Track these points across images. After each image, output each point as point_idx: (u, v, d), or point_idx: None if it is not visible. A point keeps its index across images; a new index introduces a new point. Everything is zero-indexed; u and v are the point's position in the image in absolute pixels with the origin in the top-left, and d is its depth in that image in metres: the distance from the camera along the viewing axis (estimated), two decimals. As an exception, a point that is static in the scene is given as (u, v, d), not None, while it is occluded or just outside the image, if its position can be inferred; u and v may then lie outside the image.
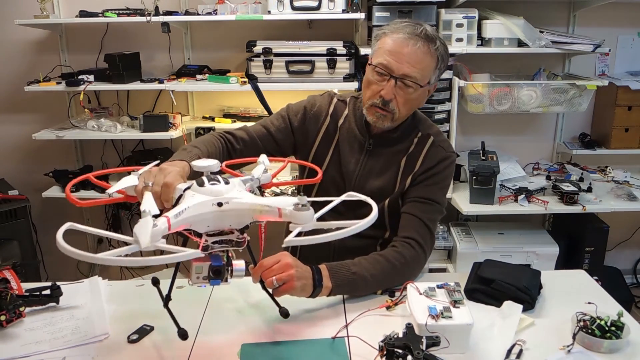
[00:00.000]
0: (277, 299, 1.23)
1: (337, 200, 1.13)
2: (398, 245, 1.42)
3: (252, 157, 1.53)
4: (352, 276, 1.30)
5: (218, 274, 1.04)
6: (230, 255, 1.07)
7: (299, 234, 1.00)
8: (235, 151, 1.48)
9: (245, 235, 1.05)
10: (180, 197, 1.04)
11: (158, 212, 0.98)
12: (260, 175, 1.18)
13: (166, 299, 1.15)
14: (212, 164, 1.09)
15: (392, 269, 1.36)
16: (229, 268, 1.06)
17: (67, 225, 0.95)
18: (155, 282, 1.24)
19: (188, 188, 1.05)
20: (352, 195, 1.17)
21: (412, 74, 1.38)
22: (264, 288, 1.22)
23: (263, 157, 1.24)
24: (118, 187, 1.10)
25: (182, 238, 1.06)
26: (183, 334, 1.09)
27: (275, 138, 1.54)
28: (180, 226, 0.97)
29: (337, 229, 1.02)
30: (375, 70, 1.41)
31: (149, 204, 0.98)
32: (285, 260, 1.22)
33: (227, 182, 1.04)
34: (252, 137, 1.51)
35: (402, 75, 1.38)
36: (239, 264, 1.08)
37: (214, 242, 1.03)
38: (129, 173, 1.16)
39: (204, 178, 1.04)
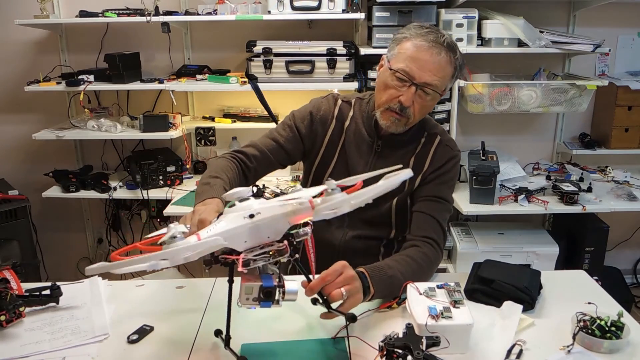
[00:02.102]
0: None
1: (370, 175, 1.08)
2: (420, 245, 1.42)
3: (266, 173, 1.54)
4: (389, 279, 1.28)
5: (269, 295, 0.99)
6: (281, 276, 1.03)
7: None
8: (249, 170, 1.49)
9: (285, 242, 1.01)
10: None
11: (187, 231, 0.98)
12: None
13: (226, 339, 1.08)
14: (242, 189, 1.07)
15: (420, 270, 1.36)
16: (281, 289, 1.02)
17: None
18: (218, 333, 1.15)
19: (221, 214, 1.04)
20: (388, 176, 1.10)
21: (434, 82, 1.38)
22: (324, 301, 1.15)
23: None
24: (158, 233, 1.11)
25: (227, 267, 1.04)
26: None
27: (285, 149, 1.54)
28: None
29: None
30: (395, 75, 1.39)
31: (178, 225, 0.99)
32: (350, 273, 1.17)
33: (257, 198, 1.04)
34: (263, 152, 1.51)
35: (424, 84, 1.37)
36: (291, 284, 1.03)
37: (254, 256, 0.99)
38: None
39: (235, 201, 1.04)
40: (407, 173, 1.03)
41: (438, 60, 1.37)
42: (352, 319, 1.12)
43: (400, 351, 0.97)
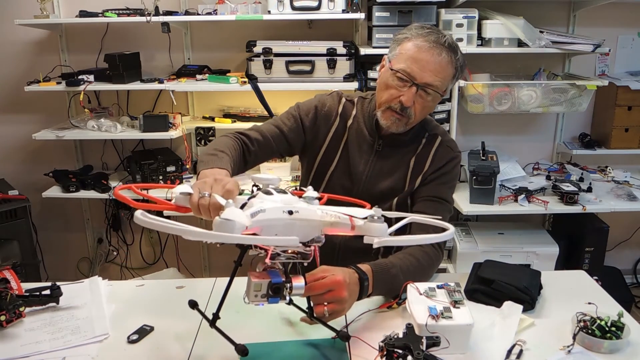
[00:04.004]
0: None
1: (404, 221, 1.10)
2: (422, 244, 1.41)
3: (265, 159, 1.53)
4: (391, 279, 1.29)
5: (277, 291, 1.00)
6: (287, 271, 1.04)
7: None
8: (250, 153, 1.48)
9: (311, 247, 1.02)
10: (244, 205, 1.00)
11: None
12: (312, 200, 1.13)
13: (214, 318, 1.08)
14: (272, 177, 1.07)
15: (421, 269, 1.37)
16: (288, 285, 1.02)
17: (140, 212, 0.90)
18: (194, 304, 1.16)
19: (253, 197, 1.02)
20: (414, 220, 1.14)
21: (434, 83, 1.38)
22: (309, 308, 1.17)
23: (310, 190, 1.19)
24: (176, 192, 1.06)
25: (239, 249, 1.03)
26: (242, 350, 1.03)
27: (287, 138, 1.53)
28: (255, 228, 0.94)
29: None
30: (396, 75, 1.40)
31: (222, 199, 0.96)
32: (339, 295, 1.14)
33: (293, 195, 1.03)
34: (265, 137, 1.50)
35: (425, 84, 1.38)
36: (298, 280, 1.04)
37: (282, 251, 0.99)
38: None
39: (271, 188, 1.03)
40: (449, 234, 1.03)
41: (439, 61, 1.37)
42: (345, 338, 1.12)
43: (400, 351, 0.97)
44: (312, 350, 1.14)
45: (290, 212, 0.97)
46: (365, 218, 1.03)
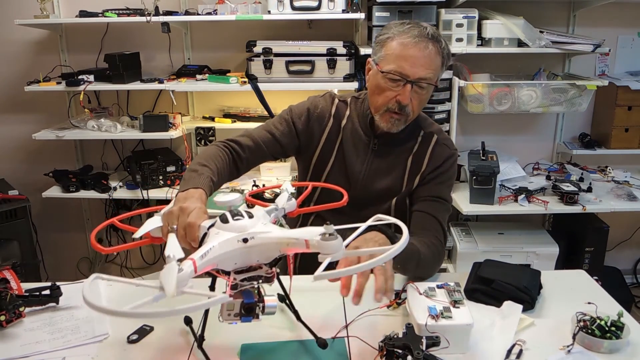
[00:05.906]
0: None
1: (363, 226, 1.08)
2: (425, 237, 1.42)
3: (258, 164, 1.54)
4: (413, 247, 1.29)
5: (250, 311, 1.00)
6: (261, 291, 1.04)
7: (329, 266, 0.94)
8: (241, 160, 1.48)
9: (274, 269, 1.02)
10: (205, 234, 1.02)
11: (183, 255, 0.95)
12: (285, 204, 1.16)
13: (200, 340, 1.10)
14: (234, 198, 1.06)
15: (432, 257, 1.38)
16: (261, 304, 1.02)
17: (94, 276, 0.93)
18: (188, 321, 1.18)
19: (212, 225, 1.02)
20: (379, 219, 1.09)
21: (427, 75, 1.38)
22: (295, 311, 1.19)
23: (287, 185, 1.21)
24: (143, 231, 1.09)
25: (210, 277, 1.02)
26: None
27: (280, 143, 1.54)
28: (207, 267, 0.95)
29: (370, 256, 0.94)
30: (387, 77, 1.40)
31: (173, 248, 0.95)
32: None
33: (251, 216, 1.02)
34: (257, 143, 1.51)
35: (418, 79, 1.38)
36: (271, 300, 1.04)
37: (242, 280, 1.00)
38: (151, 214, 1.14)
39: (227, 214, 1.02)
40: (404, 241, 0.96)
41: (427, 54, 1.38)
42: (323, 346, 1.13)
43: (400, 351, 0.97)
44: (312, 350, 1.14)
45: (245, 240, 0.97)
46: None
